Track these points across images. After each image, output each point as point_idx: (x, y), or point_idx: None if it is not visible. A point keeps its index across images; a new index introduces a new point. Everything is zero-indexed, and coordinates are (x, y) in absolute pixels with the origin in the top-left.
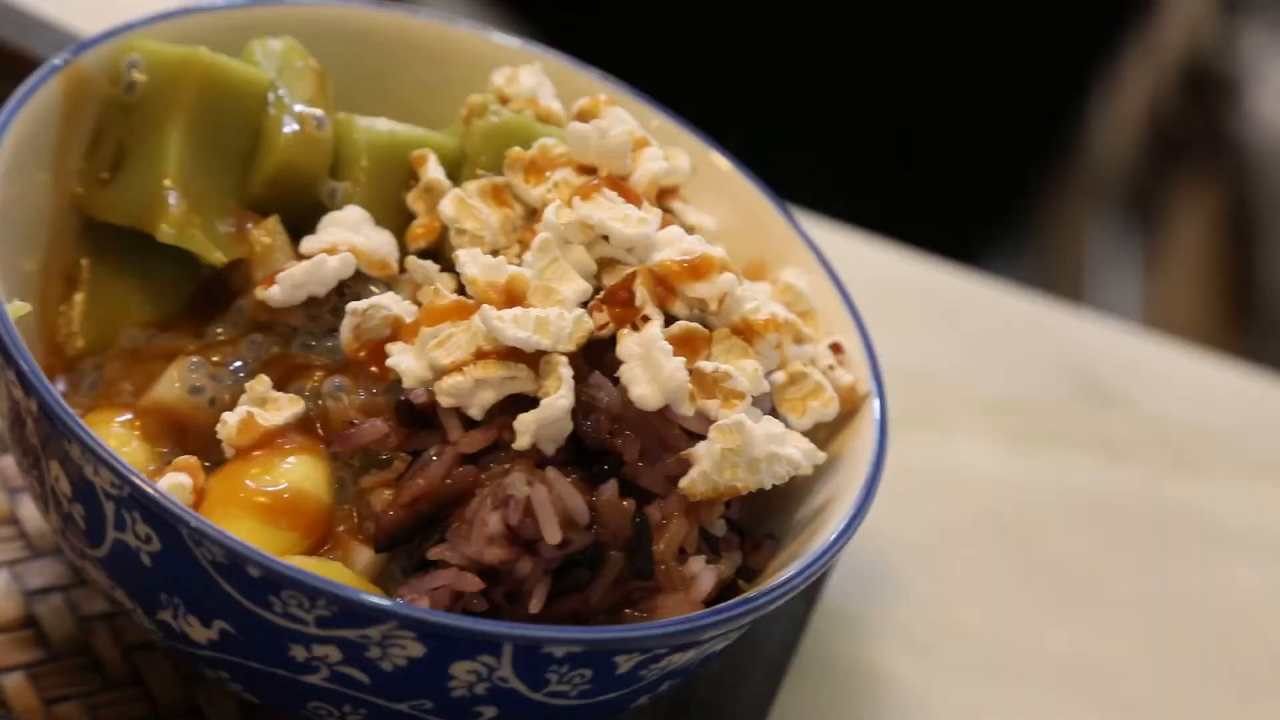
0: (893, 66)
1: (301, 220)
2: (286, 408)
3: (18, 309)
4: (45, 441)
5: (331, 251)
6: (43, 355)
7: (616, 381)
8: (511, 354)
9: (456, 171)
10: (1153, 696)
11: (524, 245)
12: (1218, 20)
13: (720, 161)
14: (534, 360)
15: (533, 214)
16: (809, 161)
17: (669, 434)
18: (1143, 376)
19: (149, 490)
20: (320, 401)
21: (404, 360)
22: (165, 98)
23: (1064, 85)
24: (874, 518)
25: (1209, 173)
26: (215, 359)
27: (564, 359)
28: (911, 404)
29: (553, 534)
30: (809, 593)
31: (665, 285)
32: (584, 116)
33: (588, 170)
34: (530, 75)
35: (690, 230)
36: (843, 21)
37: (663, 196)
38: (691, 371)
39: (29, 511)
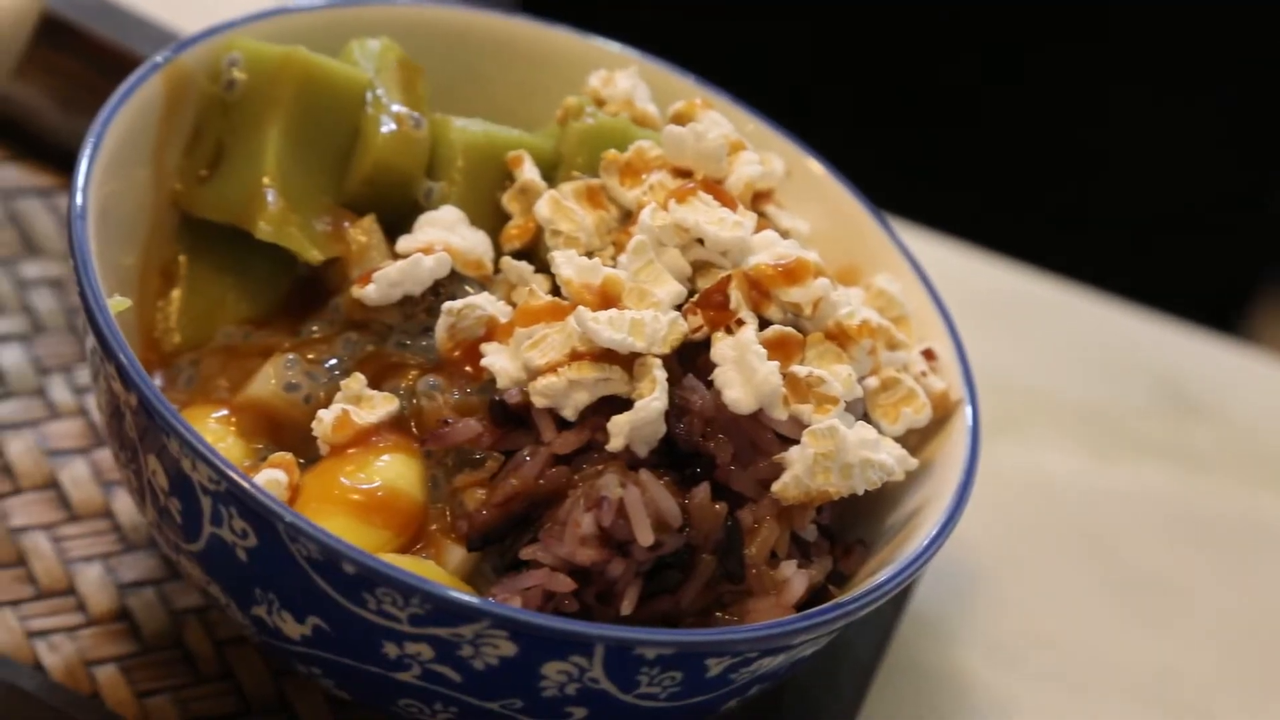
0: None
1: (397, 219)
2: (381, 406)
3: (118, 304)
4: (143, 436)
5: (427, 251)
6: (140, 350)
7: (710, 384)
8: (606, 355)
9: (552, 173)
10: (1237, 710)
11: (618, 247)
12: None
13: (814, 166)
14: (628, 362)
15: (627, 216)
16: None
17: (762, 438)
18: (1230, 386)
19: (246, 486)
20: (414, 400)
21: (498, 360)
22: (264, 96)
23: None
24: (960, 524)
25: None
26: (311, 356)
27: (658, 361)
28: (998, 411)
29: (645, 536)
30: (898, 599)
31: (760, 289)
32: (680, 120)
33: (683, 173)
34: (626, 78)
35: (784, 234)
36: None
37: (757, 200)
38: (785, 375)
39: (123, 505)
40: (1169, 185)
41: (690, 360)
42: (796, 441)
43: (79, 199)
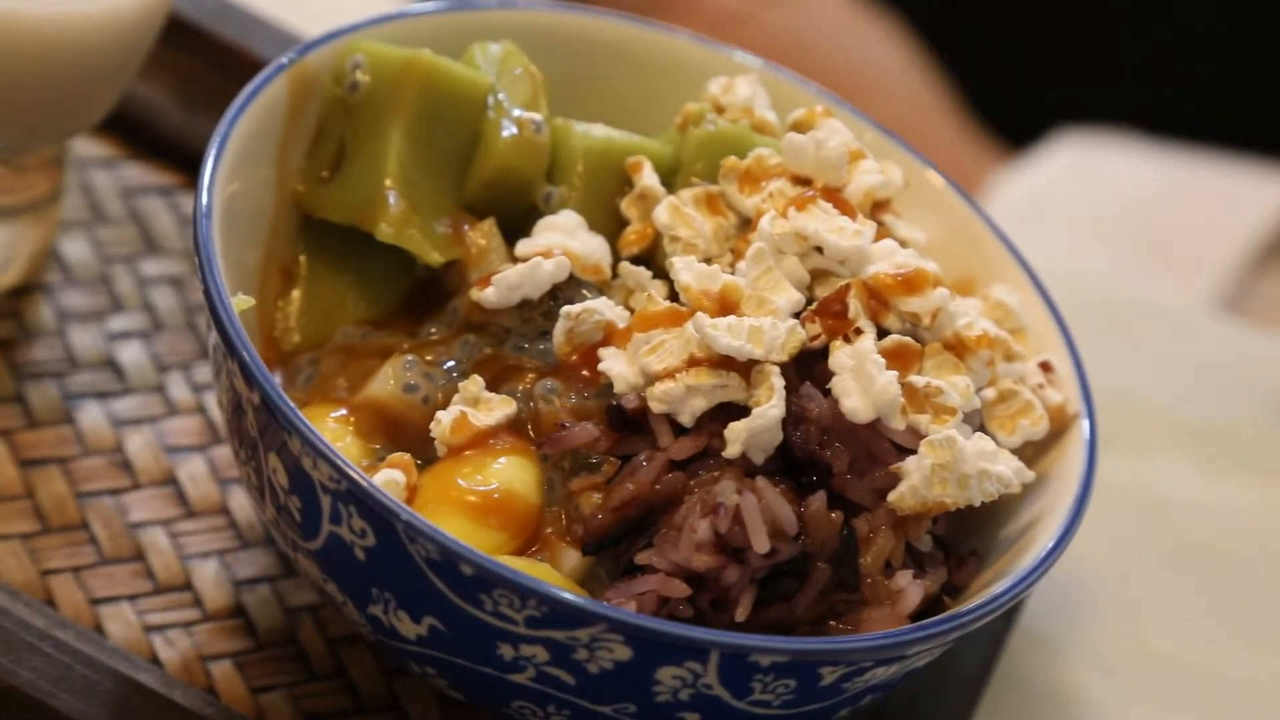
0: None
1: (516, 223)
2: (499, 408)
3: (241, 302)
4: (264, 433)
5: (546, 255)
6: (260, 348)
7: (827, 393)
8: (723, 362)
9: (670, 179)
10: None
11: (736, 254)
12: None
13: (933, 177)
14: (745, 369)
15: (746, 223)
16: None
17: (879, 447)
18: None
19: (366, 485)
20: (532, 403)
21: (616, 365)
22: (387, 98)
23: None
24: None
25: None
26: (429, 358)
27: (776, 369)
28: (1109, 425)
29: (761, 543)
30: (1008, 613)
31: (878, 298)
32: (800, 127)
33: (803, 181)
34: (746, 85)
35: (903, 244)
36: None
37: (875, 210)
38: (903, 385)
39: (239, 502)
40: None
41: (808, 368)
42: (913, 452)
43: (204, 198)
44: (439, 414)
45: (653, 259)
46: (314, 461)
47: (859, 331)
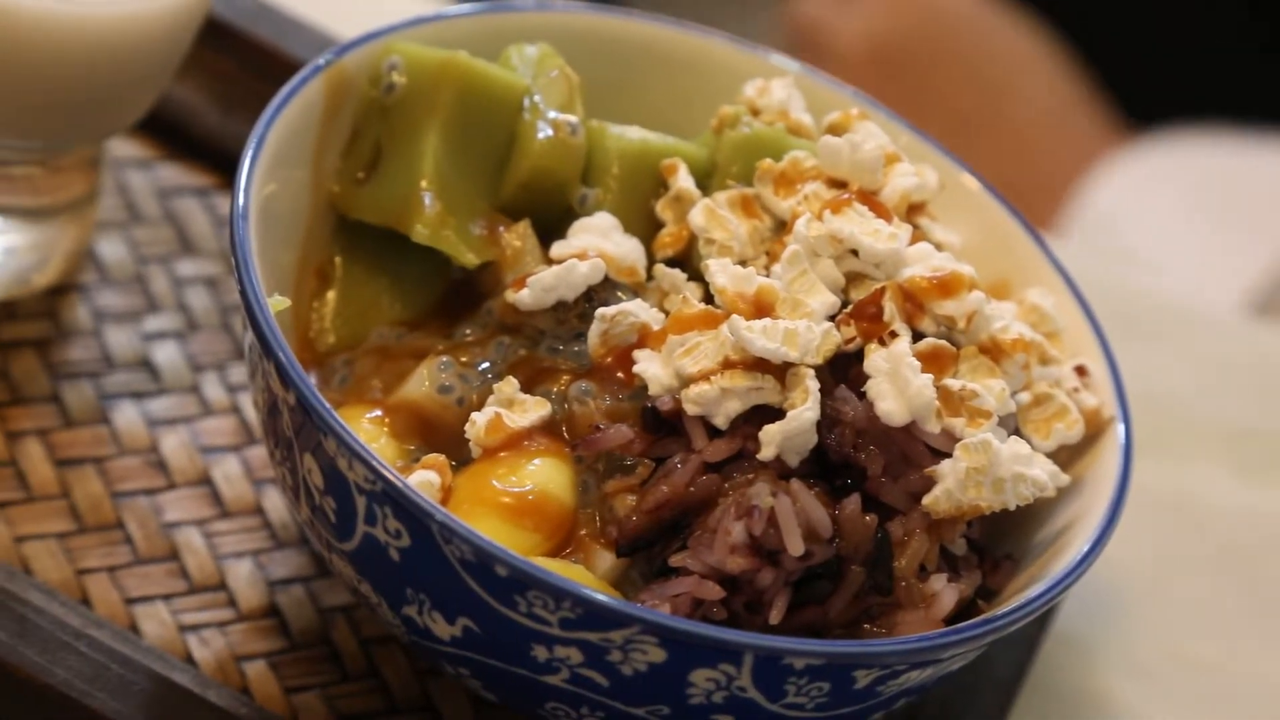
0: None
1: (551, 225)
2: (533, 410)
3: (278, 303)
4: (300, 433)
5: (581, 257)
6: (295, 349)
7: (862, 396)
8: (758, 365)
9: (706, 181)
10: None
11: (771, 257)
12: None
13: (968, 180)
14: (780, 372)
15: (781, 226)
16: None
17: (913, 450)
18: None
19: (401, 486)
20: (566, 405)
21: (651, 367)
22: (424, 100)
23: None
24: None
25: None
26: (464, 359)
27: (811, 371)
28: (1145, 429)
29: (796, 545)
30: (1042, 616)
31: (914, 301)
32: (835, 130)
33: (838, 184)
34: (782, 88)
35: (938, 247)
36: None
37: (911, 213)
38: (938, 389)
39: (273, 503)
40: None
41: (843, 371)
42: (948, 455)
43: (241, 199)
44: (474, 415)
45: (688, 261)
46: (349, 462)
47: (894, 334)
